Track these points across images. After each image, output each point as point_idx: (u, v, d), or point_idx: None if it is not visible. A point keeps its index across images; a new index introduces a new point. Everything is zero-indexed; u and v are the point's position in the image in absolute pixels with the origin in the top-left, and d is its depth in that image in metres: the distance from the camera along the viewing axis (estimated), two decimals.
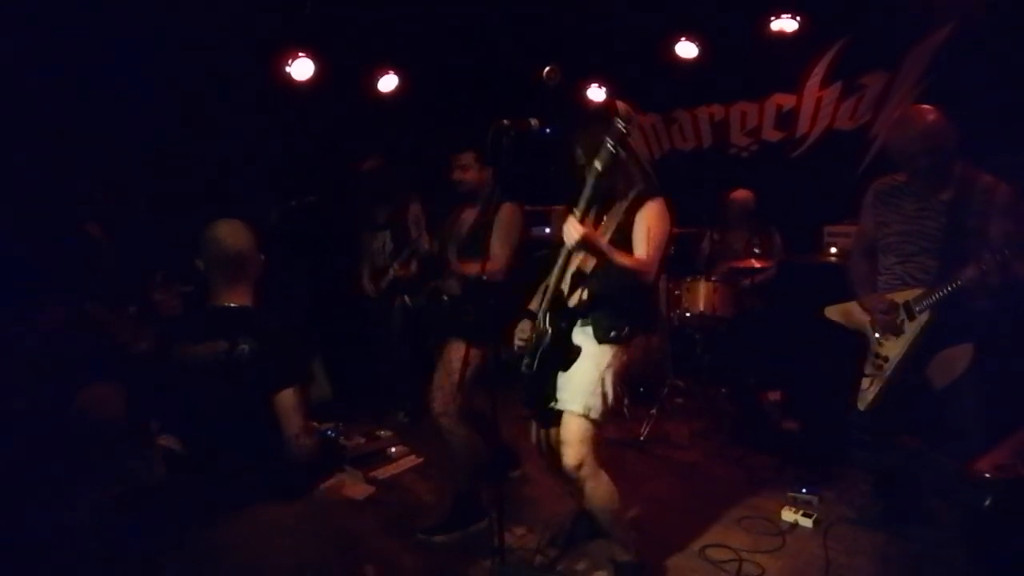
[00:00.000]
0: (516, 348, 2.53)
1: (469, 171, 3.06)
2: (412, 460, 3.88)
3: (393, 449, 3.94)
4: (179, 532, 1.90)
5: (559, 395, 2.40)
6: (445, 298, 3.14)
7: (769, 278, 4.49)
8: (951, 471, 2.35)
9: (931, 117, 2.53)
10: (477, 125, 2.54)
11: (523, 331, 2.55)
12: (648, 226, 2.32)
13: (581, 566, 2.78)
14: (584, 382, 2.35)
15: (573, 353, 2.37)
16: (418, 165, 4.45)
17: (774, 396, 4.18)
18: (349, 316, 4.66)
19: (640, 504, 3.26)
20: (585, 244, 2.18)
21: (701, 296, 4.41)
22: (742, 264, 4.43)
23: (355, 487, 3.54)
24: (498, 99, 4.56)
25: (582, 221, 2.20)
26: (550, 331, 2.36)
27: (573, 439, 2.34)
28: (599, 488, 2.39)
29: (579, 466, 2.34)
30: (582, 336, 2.41)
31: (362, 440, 3.99)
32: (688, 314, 4.46)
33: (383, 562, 2.85)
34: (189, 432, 2.07)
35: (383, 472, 3.73)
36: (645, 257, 2.30)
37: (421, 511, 3.27)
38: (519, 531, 3.03)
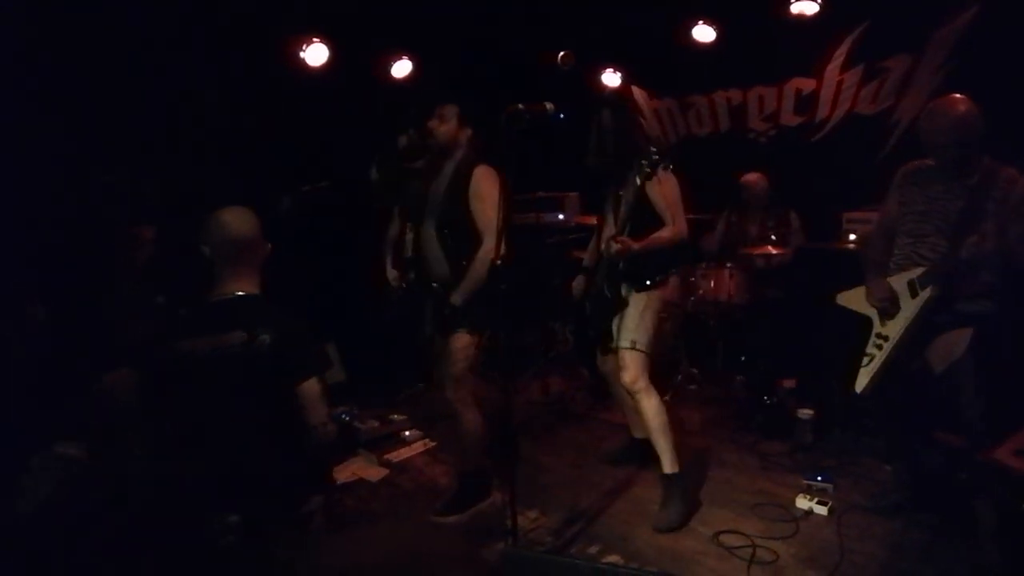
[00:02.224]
0: (575, 297, 3.31)
1: (448, 123, 2.91)
2: (425, 443, 3.92)
3: (407, 432, 3.98)
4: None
5: (615, 336, 2.99)
6: (435, 285, 2.98)
7: (785, 264, 4.44)
8: (988, 467, 2.33)
9: (962, 107, 2.51)
10: (491, 110, 2.53)
11: (579, 284, 3.32)
12: (663, 195, 2.82)
13: (593, 549, 2.79)
14: (630, 324, 2.96)
15: (621, 305, 2.98)
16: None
17: (789, 383, 4.15)
18: (363, 301, 4.67)
19: (654, 490, 3.27)
20: (626, 254, 2.79)
21: (716, 283, 4.40)
22: (757, 251, 4.40)
23: (369, 469, 3.59)
24: (512, 84, 4.53)
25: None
26: (605, 288, 2.99)
27: (628, 365, 2.96)
28: (650, 402, 2.97)
29: (633, 383, 2.95)
30: (626, 289, 2.99)
31: (376, 423, 4.03)
32: (703, 301, 4.46)
33: (397, 544, 2.90)
34: (203, 424, 2.03)
35: (397, 455, 3.76)
36: (675, 226, 2.84)
37: (434, 493, 3.30)
38: (532, 514, 3.05)
